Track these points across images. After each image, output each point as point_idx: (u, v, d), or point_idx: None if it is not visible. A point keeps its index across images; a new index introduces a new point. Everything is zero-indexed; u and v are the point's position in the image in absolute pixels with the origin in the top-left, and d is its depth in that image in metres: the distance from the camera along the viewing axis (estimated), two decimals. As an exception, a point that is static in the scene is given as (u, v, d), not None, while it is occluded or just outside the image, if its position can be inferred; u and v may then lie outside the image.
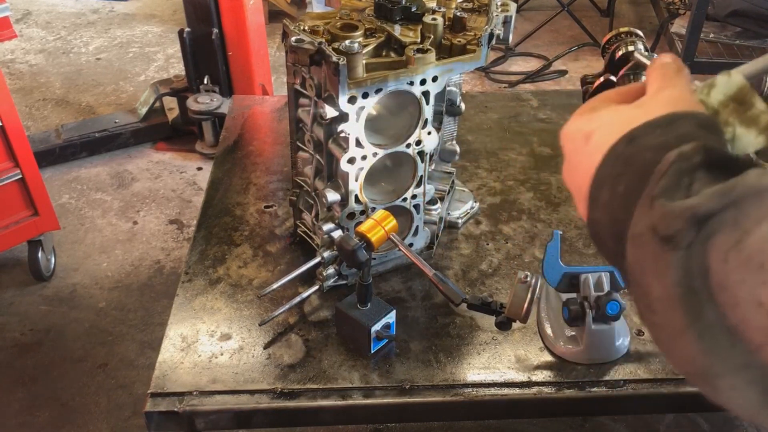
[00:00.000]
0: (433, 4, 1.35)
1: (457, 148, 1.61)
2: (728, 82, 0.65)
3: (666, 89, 0.64)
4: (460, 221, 1.61)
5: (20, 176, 2.54)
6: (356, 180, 1.31)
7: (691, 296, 0.49)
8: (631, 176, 0.57)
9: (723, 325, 0.47)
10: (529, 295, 1.18)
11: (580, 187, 0.65)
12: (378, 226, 1.20)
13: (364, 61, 1.19)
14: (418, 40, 1.28)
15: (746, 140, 0.64)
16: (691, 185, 0.52)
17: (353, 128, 1.25)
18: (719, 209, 0.49)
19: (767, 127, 0.63)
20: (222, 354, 1.30)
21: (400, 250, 1.26)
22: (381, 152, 1.31)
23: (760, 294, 0.45)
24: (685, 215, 0.50)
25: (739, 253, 0.46)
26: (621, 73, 1.81)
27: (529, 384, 1.26)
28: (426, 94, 1.28)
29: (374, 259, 1.40)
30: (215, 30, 3.23)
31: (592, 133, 0.65)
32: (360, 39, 1.25)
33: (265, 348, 1.32)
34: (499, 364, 1.29)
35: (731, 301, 0.47)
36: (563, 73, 4.22)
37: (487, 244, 1.57)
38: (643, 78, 1.77)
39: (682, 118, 0.58)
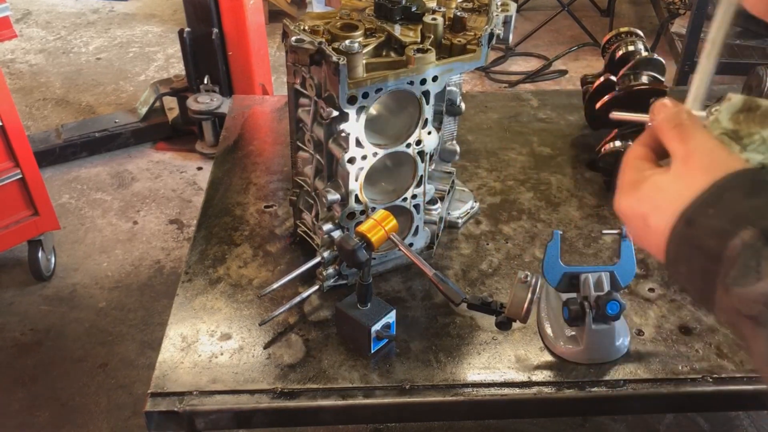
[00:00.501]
0: (433, 4, 1.35)
1: (457, 148, 1.61)
2: (730, 103, 0.69)
3: (691, 150, 0.67)
4: (460, 221, 1.61)
5: (20, 176, 2.54)
6: (356, 180, 1.31)
7: None
8: (702, 259, 0.62)
9: None
10: (529, 295, 1.18)
11: (652, 227, 0.69)
12: (378, 226, 1.20)
13: (364, 61, 1.19)
14: (418, 39, 1.28)
15: None
16: (759, 266, 0.57)
17: (353, 128, 1.25)
18: None
19: None
20: (222, 354, 1.30)
21: (400, 249, 1.26)
22: (381, 152, 1.31)
23: None
24: (761, 300, 0.57)
25: None
26: (621, 72, 1.81)
27: (529, 384, 1.26)
28: (426, 93, 1.28)
29: (374, 258, 1.40)
30: (215, 30, 3.23)
31: (648, 217, 0.69)
32: (360, 39, 1.25)
33: (265, 348, 1.32)
34: (499, 364, 1.29)
35: None
36: (563, 72, 4.22)
37: (487, 244, 1.57)
38: (644, 79, 1.77)
39: (727, 190, 0.62)
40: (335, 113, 1.22)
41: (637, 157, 0.75)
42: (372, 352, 1.29)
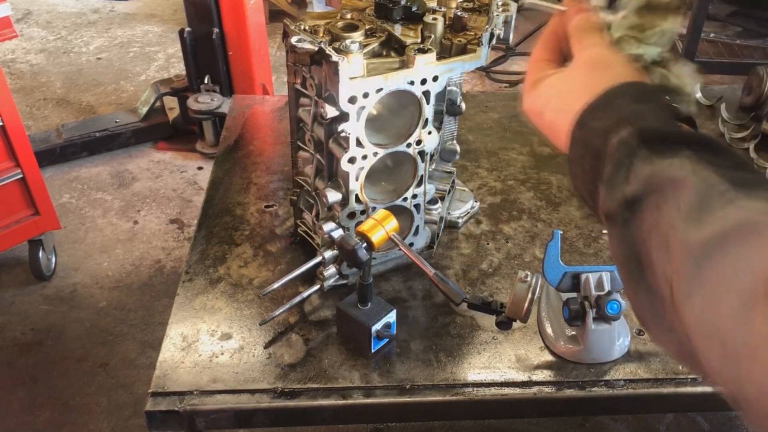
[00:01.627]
0: (433, 4, 1.35)
1: (458, 148, 1.61)
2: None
3: (587, 55, 0.73)
4: (460, 221, 1.61)
5: (21, 176, 2.54)
6: (357, 179, 1.31)
7: (631, 262, 0.60)
8: (590, 158, 0.66)
9: (651, 287, 0.57)
10: (529, 295, 1.18)
11: (559, 134, 0.73)
12: (378, 225, 1.20)
13: (364, 61, 1.19)
14: (419, 39, 1.28)
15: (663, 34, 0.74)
16: (631, 167, 0.60)
17: (354, 128, 1.25)
18: (645, 193, 0.58)
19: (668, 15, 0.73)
20: (222, 353, 1.30)
21: (400, 249, 1.26)
22: (381, 152, 1.31)
23: (665, 268, 0.55)
24: (618, 199, 0.60)
25: (657, 234, 0.56)
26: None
27: (529, 383, 1.26)
28: (426, 93, 1.28)
29: (375, 258, 1.40)
30: (216, 30, 3.23)
31: (542, 112, 0.76)
32: (360, 39, 1.25)
33: (265, 347, 1.32)
34: (499, 364, 1.29)
35: (653, 271, 0.57)
36: (564, 72, 4.21)
37: (488, 244, 1.57)
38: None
39: (617, 96, 0.66)
40: (335, 113, 1.22)
41: (538, 59, 0.81)
42: (372, 351, 1.29)
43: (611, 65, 0.71)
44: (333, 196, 1.32)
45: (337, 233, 1.32)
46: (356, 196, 1.34)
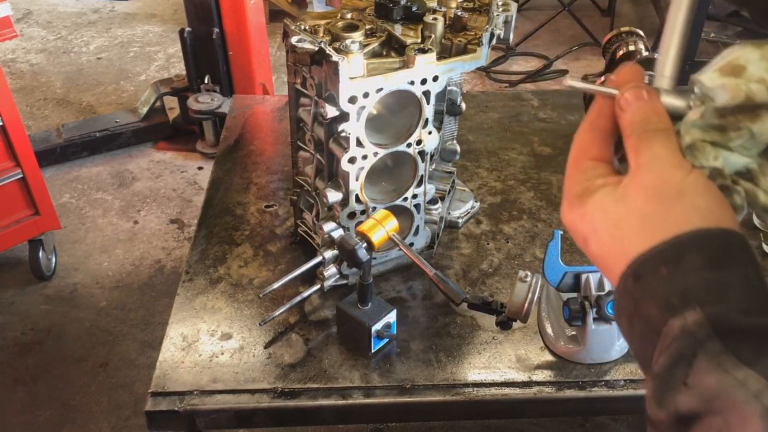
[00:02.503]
0: (433, 4, 1.35)
1: (458, 148, 1.61)
2: (714, 92, 0.58)
3: (651, 166, 0.55)
4: (460, 221, 1.61)
5: (21, 176, 2.54)
6: (357, 179, 1.31)
7: None
8: (643, 324, 0.53)
9: None
10: (529, 295, 1.18)
11: (608, 271, 0.59)
12: (379, 225, 1.20)
13: (364, 61, 1.19)
14: (419, 39, 1.28)
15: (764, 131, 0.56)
16: (692, 365, 0.47)
17: (354, 128, 1.25)
18: (704, 412, 0.46)
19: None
20: (222, 353, 1.30)
21: (400, 249, 1.26)
22: (382, 152, 1.31)
23: None
24: (669, 411, 0.48)
25: None
26: (622, 72, 1.81)
27: (529, 384, 1.26)
28: (427, 93, 1.28)
29: (375, 258, 1.40)
30: (216, 30, 3.23)
31: (588, 240, 0.59)
32: (361, 38, 1.25)
33: (265, 347, 1.32)
34: (499, 364, 1.29)
35: None
36: (564, 72, 4.22)
37: (488, 244, 1.57)
38: (645, 79, 1.77)
39: (688, 251, 0.51)
40: (336, 113, 1.22)
41: (583, 152, 0.62)
42: (372, 351, 1.29)
43: (683, 195, 0.53)
44: (333, 196, 1.32)
45: (337, 233, 1.32)
46: (356, 196, 1.33)
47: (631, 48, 1.87)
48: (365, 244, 1.20)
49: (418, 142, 1.33)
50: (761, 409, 0.44)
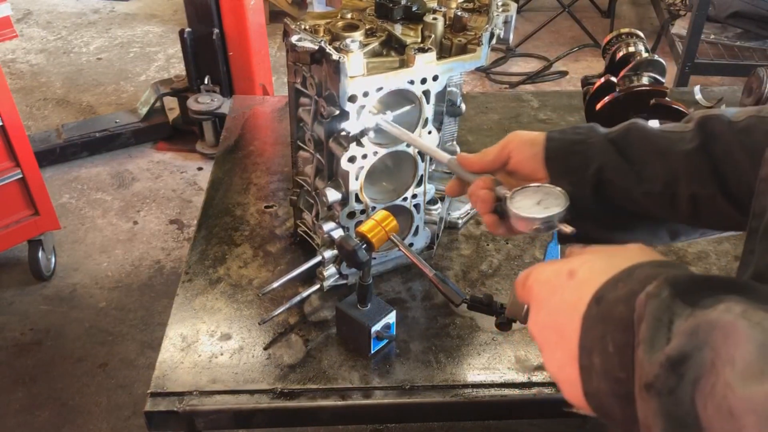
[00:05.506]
0: (433, 4, 1.35)
1: (458, 149, 1.60)
2: None
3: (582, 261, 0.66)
4: (460, 221, 1.61)
5: (21, 176, 2.54)
6: (357, 179, 1.31)
7: None
8: (613, 333, 0.55)
9: None
10: (529, 296, 1.18)
11: (564, 330, 0.61)
12: (378, 226, 1.20)
13: (364, 60, 1.19)
14: (419, 39, 1.27)
15: None
16: (672, 323, 0.50)
17: (354, 127, 1.25)
18: (692, 349, 0.48)
19: None
20: (222, 354, 1.30)
21: (400, 250, 1.26)
22: (381, 151, 1.31)
23: None
24: (659, 361, 0.49)
25: (713, 399, 0.45)
26: (621, 73, 1.81)
27: (529, 384, 1.26)
28: (426, 93, 1.28)
29: (374, 259, 1.40)
30: (216, 30, 3.23)
31: (575, 271, 0.64)
32: (361, 38, 1.25)
33: (265, 348, 1.31)
34: (499, 365, 1.29)
35: None
36: (564, 74, 4.22)
37: (488, 245, 1.57)
38: (645, 80, 1.77)
39: (639, 267, 0.59)
40: (336, 112, 1.22)
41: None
42: (372, 352, 1.29)
43: (615, 251, 0.65)
44: (333, 195, 1.32)
45: (337, 233, 1.32)
46: (356, 195, 1.33)
47: (631, 49, 1.87)
48: (365, 245, 1.19)
49: (418, 143, 1.33)
50: (747, 324, 0.46)
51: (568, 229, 0.86)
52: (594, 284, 0.60)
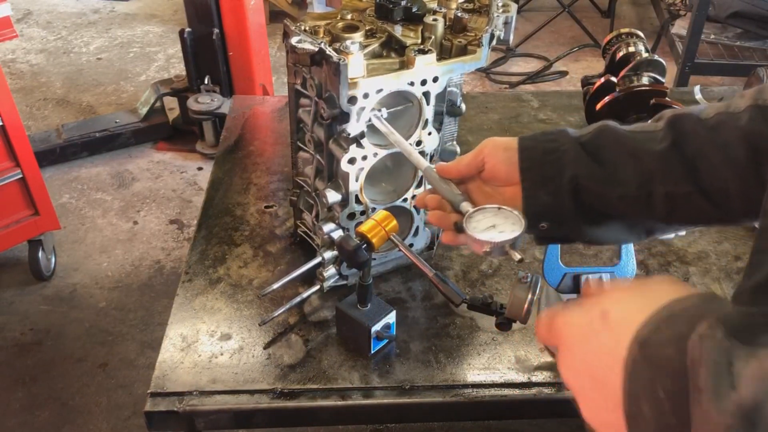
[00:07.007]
0: (433, 5, 1.35)
1: (458, 149, 1.60)
2: None
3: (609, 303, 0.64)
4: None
5: (21, 176, 2.54)
6: (357, 180, 1.31)
7: None
8: (663, 378, 0.53)
9: None
10: (529, 296, 1.17)
11: (603, 375, 0.59)
12: (378, 226, 1.20)
13: (364, 61, 1.19)
14: (419, 40, 1.27)
15: None
16: (732, 364, 0.49)
17: (354, 128, 1.25)
18: (765, 397, 0.46)
19: None
20: (222, 354, 1.30)
21: (400, 250, 1.26)
22: (382, 152, 1.31)
23: None
24: (729, 409, 0.47)
25: None
26: (621, 73, 1.81)
27: (529, 385, 1.26)
28: (426, 94, 1.28)
29: (374, 259, 1.40)
30: (216, 30, 3.23)
31: (608, 312, 0.61)
32: (361, 39, 1.25)
33: (265, 348, 1.31)
34: (499, 365, 1.29)
35: None
36: (564, 74, 4.22)
37: (488, 245, 1.57)
38: (645, 80, 1.77)
39: (677, 304, 0.57)
40: (336, 113, 1.22)
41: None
42: (372, 352, 1.29)
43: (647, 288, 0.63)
44: (333, 196, 1.32)
45: (337, 234, 1.32)
46: (356, 196, 1.33)
47: (631, 49, 1.87)
48: (365, 245, 1.19)
49: (418, 143, 1.33)
50: None
51: (516, 256, 0.91)
52: (631, 326, 0.57)
